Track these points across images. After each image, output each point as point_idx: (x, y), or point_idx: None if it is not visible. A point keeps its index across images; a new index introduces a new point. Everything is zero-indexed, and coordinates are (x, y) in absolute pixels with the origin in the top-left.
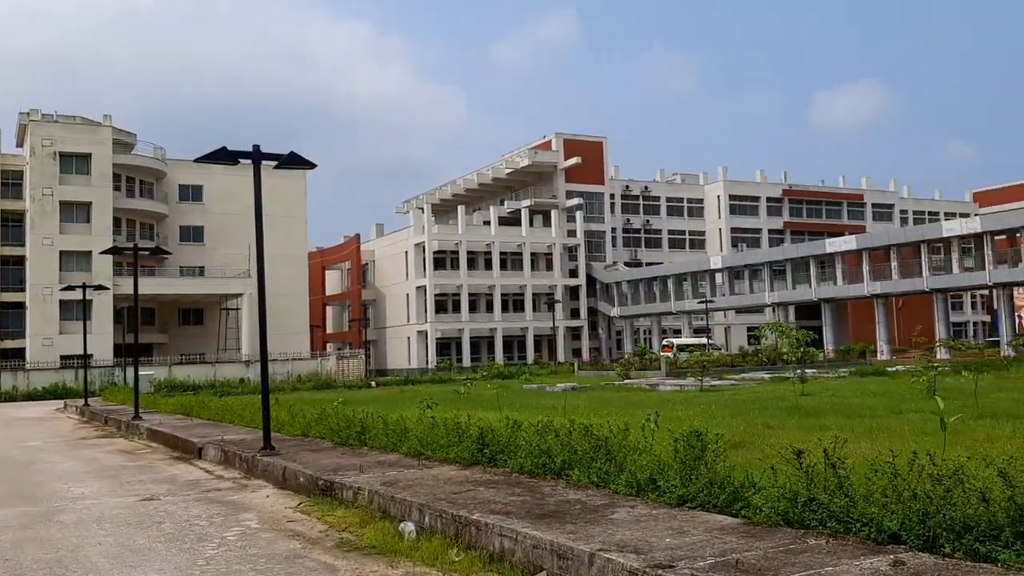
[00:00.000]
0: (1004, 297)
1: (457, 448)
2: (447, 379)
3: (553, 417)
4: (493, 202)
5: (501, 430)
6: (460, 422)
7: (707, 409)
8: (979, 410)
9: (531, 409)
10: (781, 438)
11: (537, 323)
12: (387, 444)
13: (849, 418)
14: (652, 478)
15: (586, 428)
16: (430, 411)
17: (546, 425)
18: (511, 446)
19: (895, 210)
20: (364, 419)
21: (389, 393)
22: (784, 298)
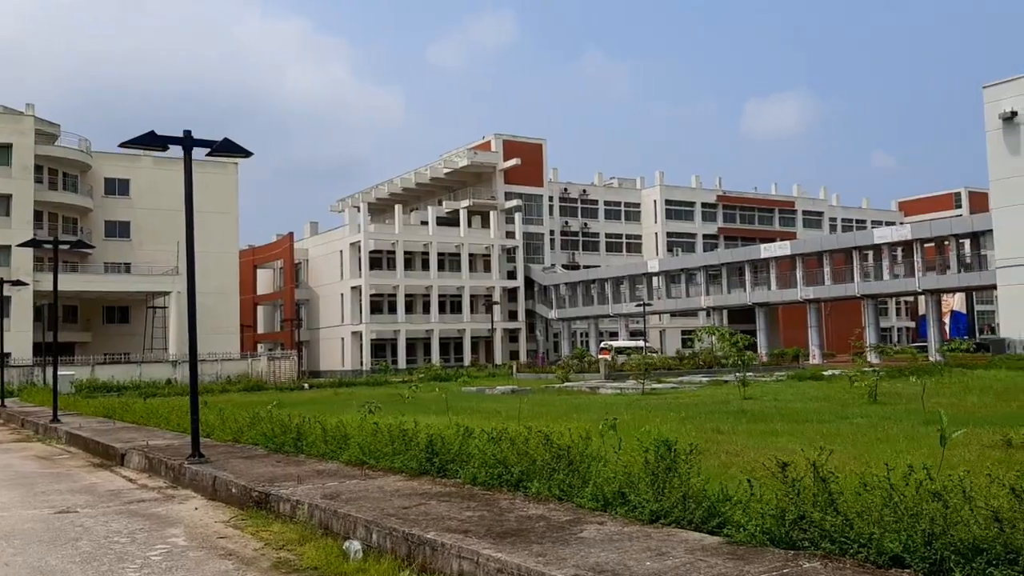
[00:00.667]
0: (932, 303)
1: (403, 457)
2: (383, 381)
3: (502, 422)
4: (431, 202)
5: (451, 438)
6: (406, 429)
7: (653, 414)
8: (926, 415)
9: (474, 413)
10: (734, 444)
11: (474, 325)
12: (326, 452)
13: (797, 423)
14: (621, 491)
15: (545, 436)
16: (372, 416)
17: (501, 432)
18: (462, 455)
19: (824, 217)
20: (301, 424)
21: (323, 395)
22: (719, 302)
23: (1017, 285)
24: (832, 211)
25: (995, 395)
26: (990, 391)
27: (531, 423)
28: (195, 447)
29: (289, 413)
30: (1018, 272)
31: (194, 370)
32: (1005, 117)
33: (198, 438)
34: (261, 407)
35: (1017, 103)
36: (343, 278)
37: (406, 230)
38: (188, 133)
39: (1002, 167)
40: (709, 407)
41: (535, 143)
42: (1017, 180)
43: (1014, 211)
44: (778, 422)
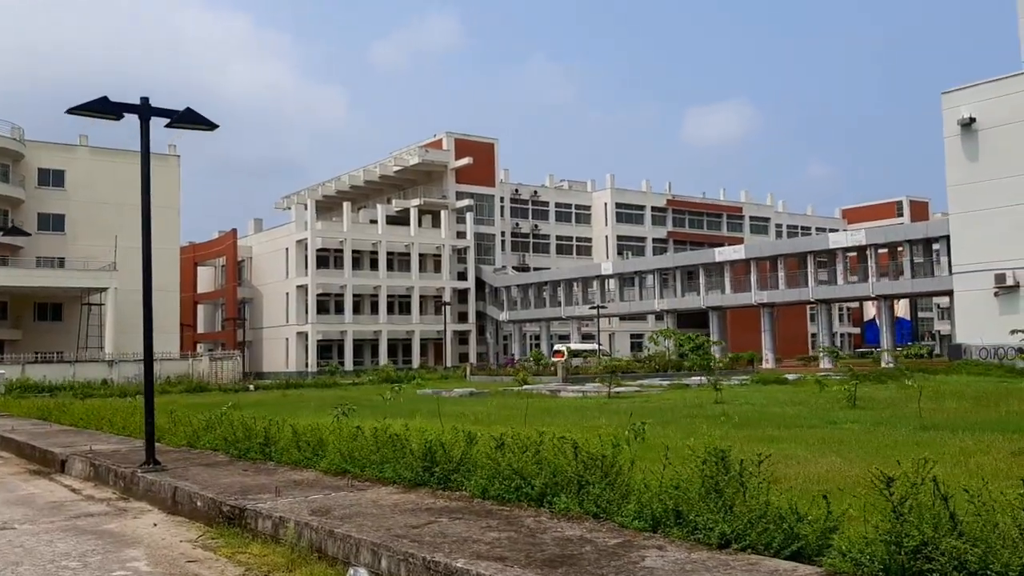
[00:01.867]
0: (886, 308)
1: (395, 466)
2: (331, 383)
3: (487, 427)
4: (380, 200)
5: (453, 444)
6: (397, 434)
7: (632, 418)
8: (923, 420)
9: (442, 417)
10: (741, 452)
11: (424, 326)
12: (300, 459)
13: (788, 428)
14: (676, 509)
15: (573, 444)
16: (347, 419)
17: (517, 439)
18: (467, 464)
19: (771, 223)
20: (268, 428)
21: (271, 397)
22: (673, 305)
23: (974, 291)
24: (778, 217)
25: (973, 400)
26: (965, 396)
27: (499, 427)
28: (150, 453)
29: (245, 415)
30: (975, 278)
31: (149, 368)
32: (963, 123)
33: (153, 443)
34: (209, 408)
35: (975, 109)
36: (288, 277)
37: (355, 228)
38: (145, 100)
39: (960, 173)
40: (685, 411)
41: (487, 142)
42: (975, 186)
43: (972, 217)
44: (768, 427)
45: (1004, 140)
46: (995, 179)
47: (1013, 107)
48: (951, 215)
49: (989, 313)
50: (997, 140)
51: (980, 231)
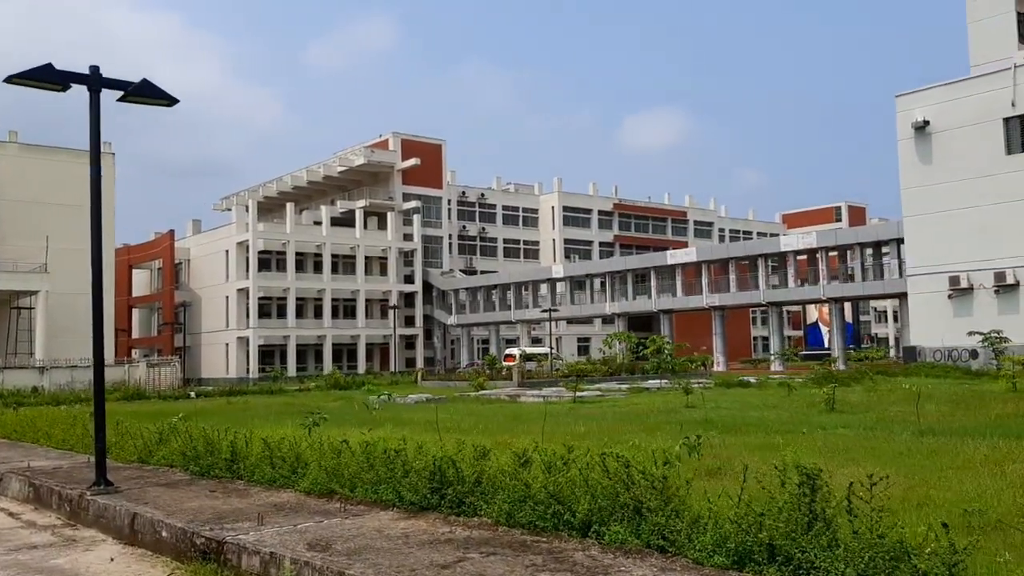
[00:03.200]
0: (836, 311)
1: (393, 486)
2: (277, 390)
3: (462, 436)
4: (324, 202)
5: (464, 461)
6: (398, 448)
7: (611, 425)
8: (920, 425)
9: (408, 425)
10: (746, 460)
11: (370, 331)
12: (274, 478)
13: (779, 434)
14: (770, 543)
15: (624, 462)
16: (317, 429)
17: (551, 455)
18: (488, 485)
19: (715, 228)
20: (235, 442)
21: (215, 405)
22: (624, 308)
23: (928, 293)
24: (721, 222)
25: (951, 404)
26: (938, 399)
27: (497, 437)
28: (100, 472)
29: (200, 427)
30: (929, 280)
31: (100, 375)
32: (918, 126)
33: (104, 460)
34: (159, 418)
35: (929, 112)
36: (229, 280)
37: (298, 230)
38: (95, 69)
39: (914, 176)
40: (663, 416)
41: (435, 144)
42: (928, 189)
43: (925, 219)
44: (759, 433)
45: (957, 143)
46: (948, 182)
47: (966, 111)
48: (905, 218)
49: (943, 315)
50: (950, 143)
51: (934, 234)
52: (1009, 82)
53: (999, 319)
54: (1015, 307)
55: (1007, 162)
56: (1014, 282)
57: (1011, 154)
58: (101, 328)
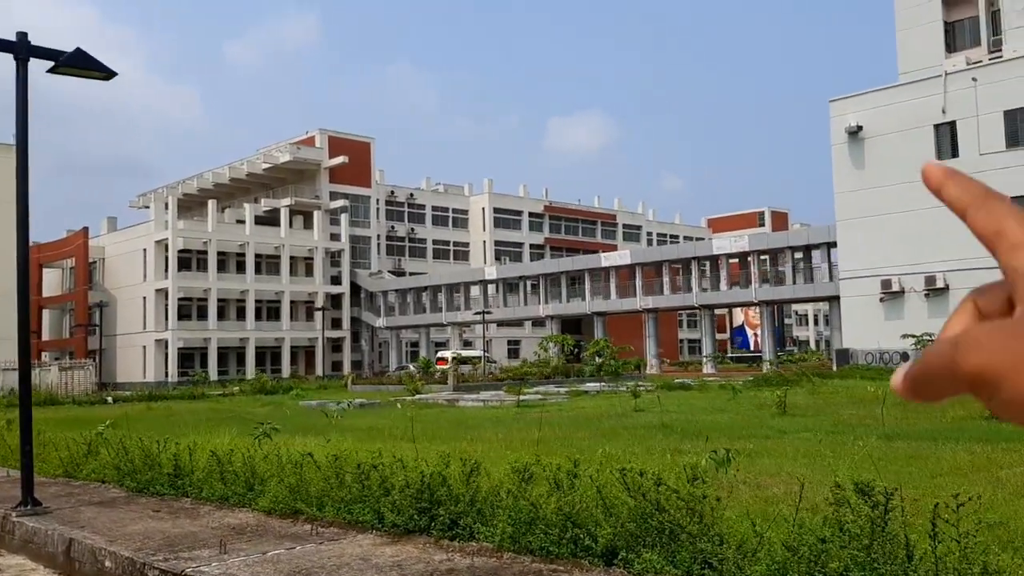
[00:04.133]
0: (767, 314)
1: (370, 505)
2: (199, 394)
3: (429, 446)
4: (247, 200)
5: (454, 477)
6: (375, 463)
7: (563, 430)
8: (885, 428)
9: (345, 432)
10: (738, 469)
11: (295, 333)
12: (226, 494)
13: (743, 439)
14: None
15: (655, 479)
16: (268, 440)
17: (554, 469)
18: (482, 504)
19: (643, 231)
20: (178, 454)
21: (136, 411)
22: (557, 311)
23: (860, 296)
24: (649, 225)
25: (900, 407)
26: (887, 403)
27: (449, 444)
28: (27, 489)
29: (131, 435)
30: (861, 283)
31: (26, 379)
32: (851, 131)
33: (32, 476)
34: (77, 426)
35: (862, 118)
36: (147, 279)
37: (220, 228)
38: (23, 36)
39: (847, 180)
40: (616, 421)
41: (363, 141)
42: (861, 193)
43: (858, 223)
44: (721, 438)
45: (889, 148)
46: (881, 187)
47: (898, 116)
48: (838, 221)
49: (875, 318)
50: (883, 148)
51: (866, 237)
52: (940, 89)
53: (929, 322)
54: (944, 310)
55: None
56: (943, 286)
57: (941, 160)
58: (27, 329)
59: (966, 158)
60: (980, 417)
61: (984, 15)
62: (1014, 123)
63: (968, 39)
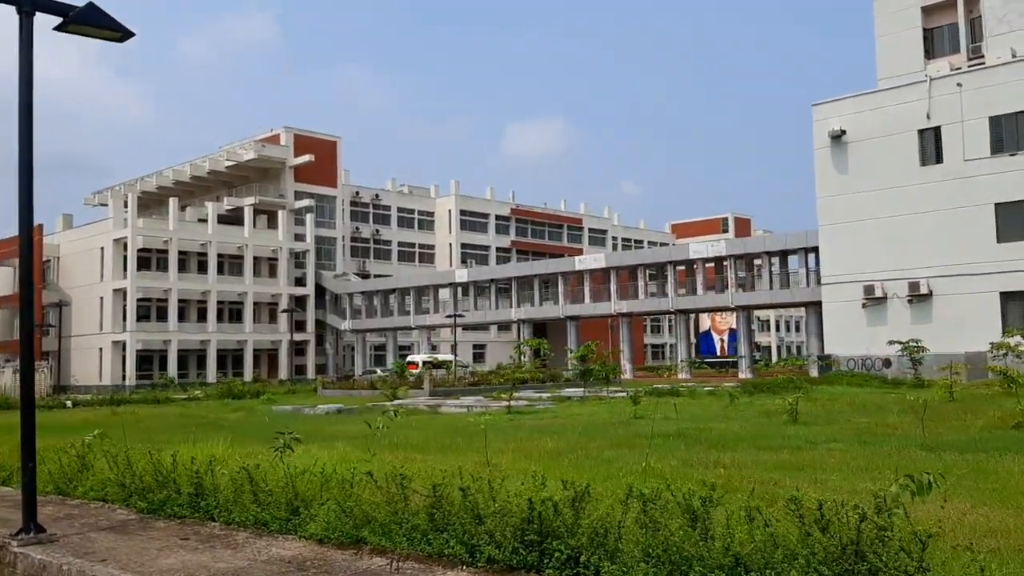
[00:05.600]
0: (743, 319)
1: (454, 535)
2: (163, 398)
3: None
4: (208, 199)
5: (562, 503)
6: (466, 486)
7: (571, 438)
8: (924, 439)
9: (333, 440)
10: (778, 490)
11: (258, 335)
12: (263, 518)
13: (771, 451)
14: None
15: (835, 508)
16: (291, 452)
17: (689, 496)
18: (609, 539)
19: (608, 236)
20: (199, 470)
21: (100, 416)
22: (530, 315)
23: (842, 302)
24: (614, 230)
25: (910, 415)
26: (891, 411)
27: (462, 456)
28: (30, 515)
29: (145, 448)
30: (844, 289)
31: (29, 384)
32: (834, 135)
33: (35, 500)
34: (46, 433)
35: (845, 122)
36: (104, 279)
37: (182, 227)
38: None
39: (829, 185)
40: (619, 428)
41: (329, 140)
42: (844, 198)
43: (841, 228)
44: (748, 449)
45: (873, 153)
46: (864, 191)
47: (881, 121)
48: (821, 226)
49: (857, 324)
50: (866, 153)
51: (849, 243)
52: (924, 95)
53: (912, 328)
54: (928, 316)
55: (921, 173)
56: (927, 292)
57: (925, 165)
58: (31, 324)
59: (950, 164)
60: (1006, 427)
61: (963, 22)
62: (999, 129)
63: (947, 46)
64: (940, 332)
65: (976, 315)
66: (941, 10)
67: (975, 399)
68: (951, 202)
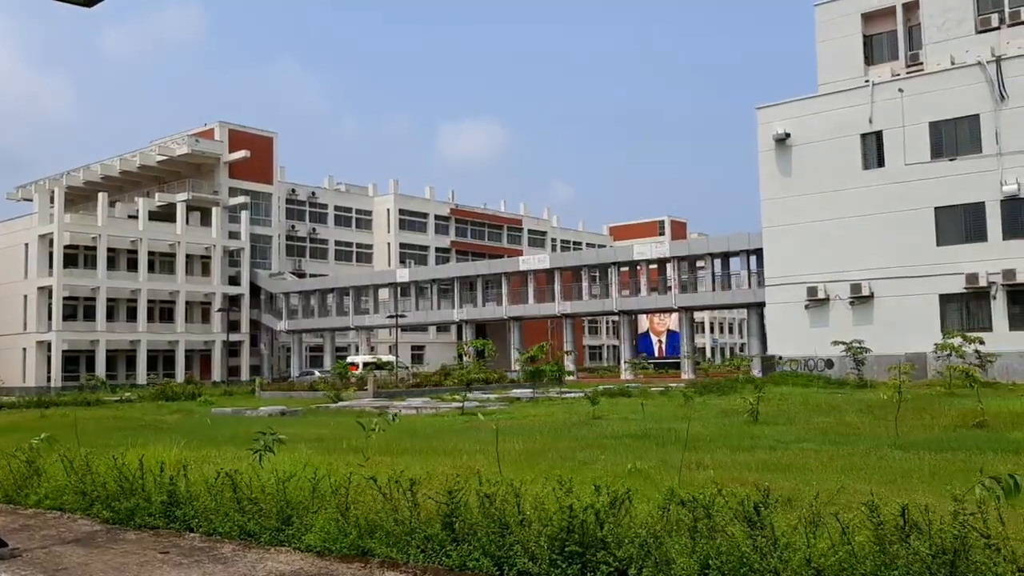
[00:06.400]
0: (687, 320)
1: (479, 546)
2: (94, 400)
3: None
4: (138, 194)
5: (604, 510)
6: (490, 492)
7: (539, 440)
8: (896, 438)
9: (296, 443)
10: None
11: (190, 336)
12: (251, 529)
13: (739, 451)
14: None
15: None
16: (271, 456)
17: (745, 506)
18: (660, 551)
19: (547, 237)
20: (174, 476)
21: (30, 419)
22: (472, 315)
23: (785, 303)
24: (553, 231)
25: (865, 415)
26: (846, 410)
27: (427, 458)
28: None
29: (111, 454)
30: (786, 290)
31: None
32: (779, 138)
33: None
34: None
35: (789, 125)
36: (28, 277)
37: (111, 223)
38: None
39: (773, 187)
40: (583, 429)
41: (265, 136)
42: (787, 200)
43: (784, 230)
44: (722, 450)
45: (816, 156)
46: (807, 194)
47: (825, 125)
48: (764, 228)
49: (800, 325)
50: (809, 156)
51: (792, 245)
52: (867, 99)
53: (854, 329)
54: (869, 318)
55: (863, 176)
56: (868, 293)
57: (867, 169)
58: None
59: (892, 168)
60: (967, 426)
61: (902, 29)
62: (939, 134)
63: (886, 52)
64: (881, 333)
65: (916, 317)
66: (881, 17)
67: (923, 399)
68: (892, 205)
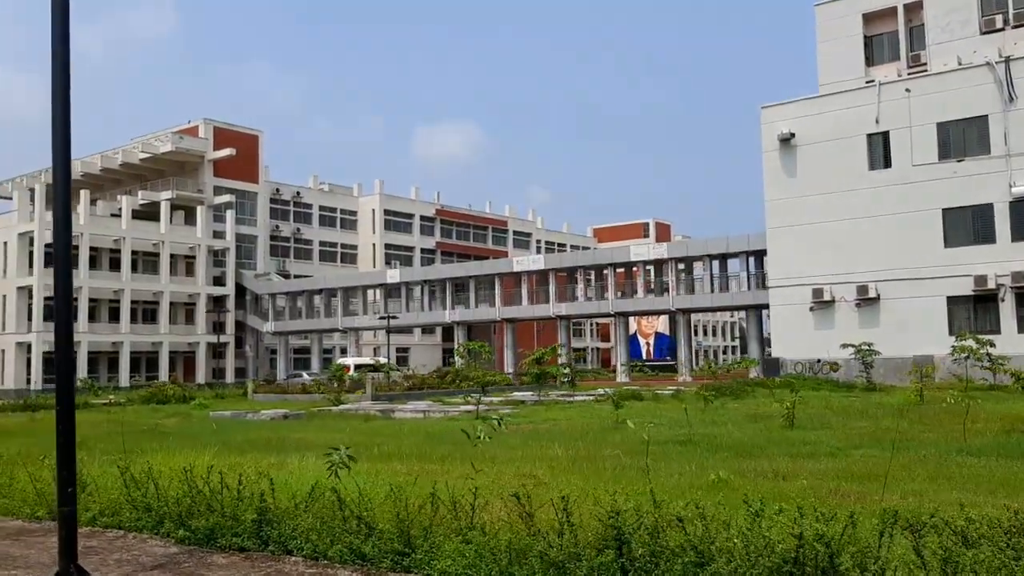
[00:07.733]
0: (683, 322)
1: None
2: (81, 403)
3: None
4: (119, 193)
5: (835, 539)
6: (682, 515)
7: (576, 447)
8: (963, 445)
9: (304, 451)
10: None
11: (174, 337)
12: (366, 552)
13: (799, 458)
14: None
15: None
16: (346, 470)
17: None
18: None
19: (533, 239)
20: (263, 491)
21: (18, 423)
22: (465, 317)
23: (790, 305)
24: (538, 233)
25: (902, 418)
26: (874, 414)
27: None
28: (69, 553)
29: (180, 466)
30: (791, 292)
31: (68, 388)
32: (783, 138)
33: (75, 533)
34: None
35: (794, 125)
36: (7, 276)
37: (93, 221)
38: None
39: (778, 188)
40: (614, 434)
41: (251, 134)
42: (791, 201)
43: (788, 231)
44: (782, 458)
45: (822, 157)
46: (812, 195)
47: (830, 125)
48: (768, 229)
49: (805, 328)
50: (815, 156)
51: (797, 246)
52: (873, 99)
53: (860, 332)
54: (876, 320)
55: (870, 177)
56: (875, 295)
57: (873, 169)
58: (68, 310)
59: (899, 168)
60: (1017, 431)
61: (903, 30)
62: (946, 135)
63: (887, 53)
64: (887, 336)
65: (923, 319)
66: (881, 18)
67: (945, 402)
68: (899, 207)
